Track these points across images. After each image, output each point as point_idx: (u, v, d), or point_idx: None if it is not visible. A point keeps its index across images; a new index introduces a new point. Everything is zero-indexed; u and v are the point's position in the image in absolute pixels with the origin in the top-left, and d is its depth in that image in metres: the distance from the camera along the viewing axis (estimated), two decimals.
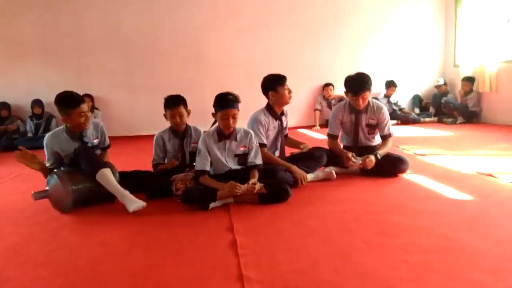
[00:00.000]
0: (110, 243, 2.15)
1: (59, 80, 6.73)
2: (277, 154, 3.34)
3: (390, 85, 7.21)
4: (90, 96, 6.60)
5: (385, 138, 3.44)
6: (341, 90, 3.93)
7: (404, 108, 7.33)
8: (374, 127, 3.45)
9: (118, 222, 2.47)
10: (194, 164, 2.88)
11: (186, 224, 2.39)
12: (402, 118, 6.97)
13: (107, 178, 2.68)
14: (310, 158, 3.27)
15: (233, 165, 2.85)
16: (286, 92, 3.24)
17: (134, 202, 2.59)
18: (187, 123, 3.19)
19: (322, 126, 6.86)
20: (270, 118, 3.26)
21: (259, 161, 2.88)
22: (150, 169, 3.22)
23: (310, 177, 3.16)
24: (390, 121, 3.49)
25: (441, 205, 2.53)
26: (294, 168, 3.08)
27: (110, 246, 2.11)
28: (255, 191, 2.62)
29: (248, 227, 2.26)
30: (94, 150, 2.99)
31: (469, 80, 6.70)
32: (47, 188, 2.76)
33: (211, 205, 2.61)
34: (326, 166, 3.35)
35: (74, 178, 2.72)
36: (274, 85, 3.22)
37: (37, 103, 6.44)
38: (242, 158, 2.88)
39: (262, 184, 2.67)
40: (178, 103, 3.09)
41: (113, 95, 7.07)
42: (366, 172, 3.23)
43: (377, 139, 3.52)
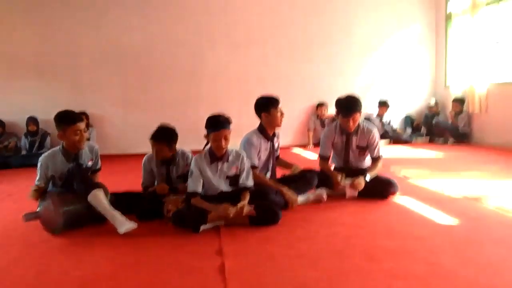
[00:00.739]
0: (99, 266, 2.16)
1: (54, 97, 6.78)
2: (268, 175, 3.38)
3: (383, 105, 7.33)
4: (85, 114, 6.64)
5: (375, 160, 3.51)
6: (334, 109, 3.98)
7: (396, 128, 7.43)
8: (364, 149, 3.51)
9: (108, 244, 2.48)
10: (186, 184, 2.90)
11: (176, 246, 2.41)
12: (395, 138, 7.08)
13: (99, 199, 2.70)
14: (301, 180, 3.32)
15: (224, 187, 2.88)
16: (279, 114, 3.30)
17: (124, 224, 2.60)
18: (176, 147, 3.18)
19: (316, 145, 6.94)
20: (262, 139, 3.31)
21: (251, 183, 2.92)
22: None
23: (300, 200, 3.20)
24: (380, 143, 3.56)
25: (428, 229, 2.58)
26: (285, 190, 3.12)
27: (100, 269, 2.13)
28: (244, 214, 2.66)
29: (237, 251, 2.28)
30: (88, 171, 3.02)
31: (459, 101, 6.83)
32: (38, 209, 2.77)
33: (202, 227, 2.63)
34: (317, 187, 3.39)
35: (65, 199, 2.73)
36: (267, 106, 3.28)
37: (32, 120, 6.44)
38: (233, 179, 2.91)
39: (253, 205, 2.71)
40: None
41: (107, 112, 7.10)
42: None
43: (367, 161, 3.58)
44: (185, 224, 2.64)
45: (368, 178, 3.30)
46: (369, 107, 7.29)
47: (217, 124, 2.75)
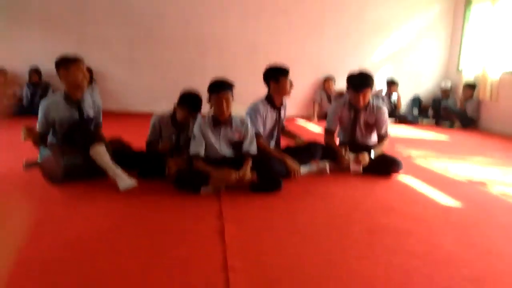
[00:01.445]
0: (96, 220, 2.16)
1: (59, 49, 6.51)
2: (272, 144, 3.34)
3: (392, 84, 7.19)
4: (89, 69, 6.51)
5: (381, 137, 3.46)
6: (341, 84, 3.90)
7: (397, 104, 7.20)
8: (371, 126, 3.45)
9: (108, 199, 2.47)
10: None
11: (176, 207, 2.40)
12: (401, 118, 6.99)
13: (101, 153, 2.67)
14: (305, 152, 3.28)
15: (227, 152, 2.85)
16: (288, 83, 3.22)
17: (125, 181, 2.59)
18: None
19: (320, 118, 6.87)
20: (269, 108, 3.24)
21: (254, 149, 2.88)
22: (144, 147, 3.20)
23: (303, 169, 3.17)
24: (388, 122, 3.50)
25: (430, 209, 2.56)
26: (289, 159, 3.08)
27: (96, 223, 2.12)
28: (246, 180, 2.65)
29: (237, 216, 2.27)
30: (90, 123, 2.96)
31: (470, 87, 6.70)
32: (39, 159, 2.74)
33: (203, 189, 2.61)
34: (321, 160, 3.36)
35: (66, 151, 2.70)
36: (276, 74, 3.19)
37: (35, 71, 6.35)
38: (236, 145, 2.88)
39: (255, 172, 2.69)
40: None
41: (112, 69, 6.98)
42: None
43: (373, 138, 3.53)
44: (186, 184, 2.63)
45: (372, 155, 3.26)
46: (378, 84, 7.16)
47: (218, 87, 2.73)
